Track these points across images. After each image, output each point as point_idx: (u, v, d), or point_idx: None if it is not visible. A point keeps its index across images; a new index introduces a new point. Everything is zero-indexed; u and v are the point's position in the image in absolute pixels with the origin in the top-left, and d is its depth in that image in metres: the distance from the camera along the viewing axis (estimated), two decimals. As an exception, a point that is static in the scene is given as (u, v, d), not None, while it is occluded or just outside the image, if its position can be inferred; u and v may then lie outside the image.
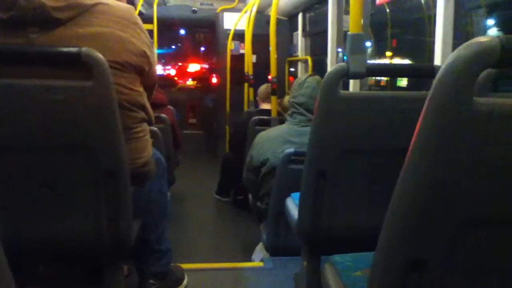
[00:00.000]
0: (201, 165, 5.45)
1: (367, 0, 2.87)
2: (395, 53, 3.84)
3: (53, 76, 1.14)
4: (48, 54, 1.14)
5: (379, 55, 4.01)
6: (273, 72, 3.00)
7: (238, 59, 5.12)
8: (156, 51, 4.52)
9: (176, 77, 7.29)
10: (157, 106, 2.85)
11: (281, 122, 2.65)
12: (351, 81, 2.65)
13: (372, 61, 3.63)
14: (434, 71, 1.30)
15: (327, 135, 1.30)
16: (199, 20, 5.85)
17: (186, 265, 1.97)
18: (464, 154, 0.58)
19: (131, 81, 1.28)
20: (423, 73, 1.49)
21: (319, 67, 4.16)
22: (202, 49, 7.54)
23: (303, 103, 2.13)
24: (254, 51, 4.49)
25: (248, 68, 4.43)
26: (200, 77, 7.15)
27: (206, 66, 7.26)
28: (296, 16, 4.59)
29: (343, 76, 1.25)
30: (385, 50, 3.88)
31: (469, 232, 0.62)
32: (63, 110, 1.13)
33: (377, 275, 0.69)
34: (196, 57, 7.40)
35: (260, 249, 2.47)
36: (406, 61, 3.92)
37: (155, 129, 2.25)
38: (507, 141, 0.57)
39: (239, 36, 4.93)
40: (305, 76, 2.19)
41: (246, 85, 4.65)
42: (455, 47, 1.86)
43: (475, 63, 0.54)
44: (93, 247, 1.27)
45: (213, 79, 6.28)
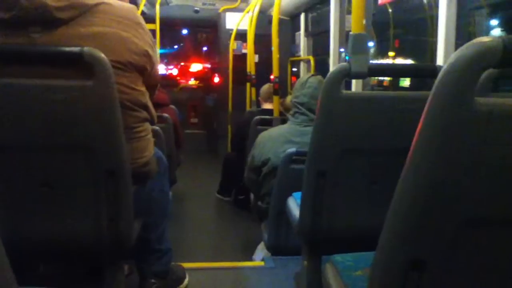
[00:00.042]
0: (202, 164, 5.46)
1: (369, 0, 2.87)
2: (397, 53, 3.83)
3: (54, 75, 1.14)
4: (50, 53, 1.14)
5: (382, 55, 4.01)
6: (275, 72, 3.00)
7: (240, 59, 5.12)
8: (158, 50, 4.53)
9: (178, 77, 7.30)
10: (159, 105, 2.85)
11: (283, 122, 2.65)
12: (353, 81, 2.65)
13: (375, 61, 3.63)
14: (436, 71, 1.29)
15: (329, 135, 1.29)
16: (201, 20, 5.86)
17: (187, 264, 1.97)
18: (464, 154, 0.58)
19: (133, 81, 1.28)
20: (425, 73, 1.49)
21: (321, 67, 4.16)
22: (204, 49, 7.54)
23: (305, 103, 2.13)
24: (256, 51, 4.49)
25: (250, 68, 4.43)
26: (202, 76, 7.15)
27: (208, 66, 7.26)
28: (298, 16, 4.59)
29: (345, 76, 1.25)
30: (388, 50, 3.88)
31: (469, 232, 0.62)
32: (64, 110, 1.13)
33: (377, 274, 0.69)
34: (198, 57, 7.40)
35: (261, 248, 2.47)
36: (409, 61, 3.92)
37: (157, 128, 2.25)
38: (507, 141, 0.57)
39: (241, 36, 4.93)
40: (307, 76, 2.18)
41: (248, 84, 4.65)
42: (457, 47, 1.86)
43: (477, 63, 0.54)
44: (93, 246, 1.27)
45: (215, 78, 6.28)
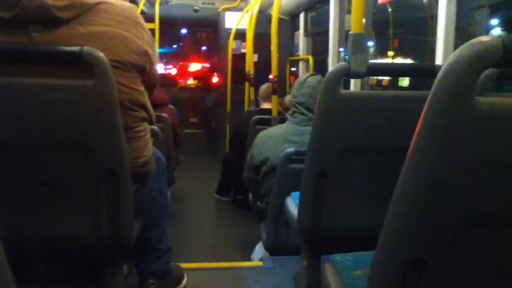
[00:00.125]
0: (201, 164, 5.46)
1: (368, -1, 2.86)
2: (397, 52, 3.83)
3: (54, 75, 1.14)
4: (50, 53, 1.14)
5: (381, 54, 4.01)
6: (274, 72, 3.00)
7: (240, 58, 5.12)
8: (157, 50, 4.52)
9: (177, 76, 7.30)
10: (158, 105, 2.85)
11: (281, 121, 2.65)
12: (352, 81, 2.65)
13: (374, 61, 3.63)
14: (436, 71, 1.29)
15: (328, 135, 1.29)
16: (201, 19, 5.85)
17: (185, 265, 1.97)
18: (464, 153, 0.58)
19: (132, 81, 1.28)
20: (424, 72, 1.49)
21: (320, 66, 4.16)
22: (204, 48, 7.54)
23: (303, 103, 2.13)
24: (256, 51, 4.49)
25: (249, 68, 4.43)
26: (201, 76, 7.15)
27: (207, 65, 7.26)
28: (297, 15, 4.59)
29: (344, 76, 1.25)
30: (387, 49, 3.88)
31: (469, 231, 0.62)
32: (64, 109, 1.13)
33: (377, 274, 0.69)
34: (197, 56, 7.40)
35: (259, 248, 2.47)
36: (408, 60, 3.92)
37: (156, 128, 2.25)
38: (508, 141, 0.57)
39: (240, 35, 4.93)
40: (305, 76, 2.18)
41: (247, 84, 4.65)
42: (456, 46, 1.86)
43: (477, 62, 0.54)
44: (93, 246, 1.27)
45: (214, 78, 6.28)
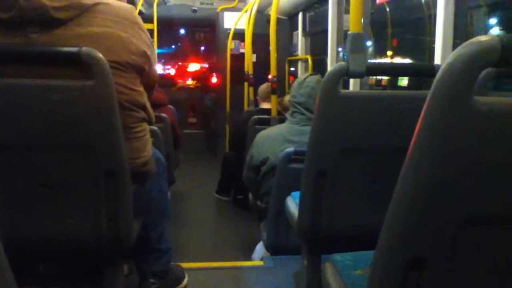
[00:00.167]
0: (201, 164, 5.46)
1: (367, -1, 2.87)
2: (395, 52, 3.83)
3: (53, 76, 1.14)
4: (49, 53, 1.14)
5: (380, 54, 4.01)
6: (273, 72, 3.00)
7: (238, 58, 5.13)
8: (156, 50, 4.52)
9: (176, 77, 7.30)
10: (157, 105, 2.85)
11: (281, 121, 2.65)
12: (351, 81, 2.65)
13: (373, 61, 3.64)
14: (434, 71, 1.29)
15: (327, 134, 1.30)
16: (199, 20, 5.85)
17: (186, 264, 1.97)
18: (463, 153, 0.58)
19: (131, 81, 1.28)
20: (423, 72, 1.49)
21: (319, 66, 4.16)
22: (202, 48, 7.54)
23: (302, 103, 2.13)
24: (254, 51, 4.50)
25: (248, 68, 4.43)
26: (200, 76, 7.16)
27: (206, 66, 7.26)
28: (296, 15, 4.59)
29: (343, 75, 1.25)
30: (386, 49, 3.88)
31: (468, 230, 0.62)
32: (63, 110, 1.13)
33: (377, 273, 0.69)
34: (196, 56, 7.40)
35: (260, 248, 2.48)
36: (407, 60, 3.92)
37: (155, 128, 2.25)
38: (506, 140, 0.57)
39: (239, 35, 4.94)
40: (305, 76, 2.19)
41: (246, 84, 4.65)
42: (455, 46, 1.86)
43: (475, 62, 0.54)
44: (93, 246, 1.27)
45: (213, 78, 6.28)
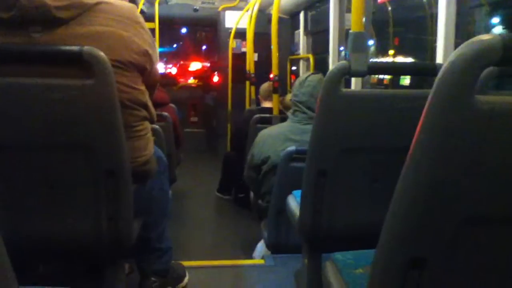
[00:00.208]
0: (202, 163, 5.46)
1: (368, -2, 2.86)
2: (397, 51, 3.83)
3: (54, 75, 1.14)
4: (50, 53, 1.14)
5: (382, 53, 4.01)
6: (274, 71, 3.00)
7: (240, 57, 5.12)
8: (157, 49, 4.52)
9: (178, 76, 7.30)
10: (158, 104, 2.85)
11: (282, 120, 2.65)
12: (353, 79, 2.65)
13: (375, 60, 3.63)
14: (436, 69, 1.29)
15: (329, 133, 1.29)
16: (201, 19, 5.85)
17: (187, 263, 1.97)
18: (464, 152, 0.58)
19: (133, 80, 1.28)
20: (425, 71, 1.49)
21: (321, 65, 4.15)
22: (204, 47, 7.54)
23: (304, 101, 2.13)
24: (256, 50, 4.49)
25: (250, 67, 4.43)
26: (201, 75, 7.16)
27: (208, 65, 7.27)
28: (297, 14, 4.59)
29: (345, 74, 1.25)
30: (387, 48, 3.87)
31: (468, 230, 0.62)
32: (64, 109, 1.13)
33: (377, 272, 0.69)
34: (197, 55, 7.41)
35: (261, 246, 2.48)
36: (409, 59, 3.91)
37: (157, 127, 2.25)
38: (508, 140, 0.57)
39: (240, 34, 4.93)
40: (306, 75, 2.18)
41: (247, 83, 4.65)
42: (457, 45, 1.86)
43: (477, 61, 0.54)
44: (93, 245, 1.27)
45: (215, 77, 6.28)
